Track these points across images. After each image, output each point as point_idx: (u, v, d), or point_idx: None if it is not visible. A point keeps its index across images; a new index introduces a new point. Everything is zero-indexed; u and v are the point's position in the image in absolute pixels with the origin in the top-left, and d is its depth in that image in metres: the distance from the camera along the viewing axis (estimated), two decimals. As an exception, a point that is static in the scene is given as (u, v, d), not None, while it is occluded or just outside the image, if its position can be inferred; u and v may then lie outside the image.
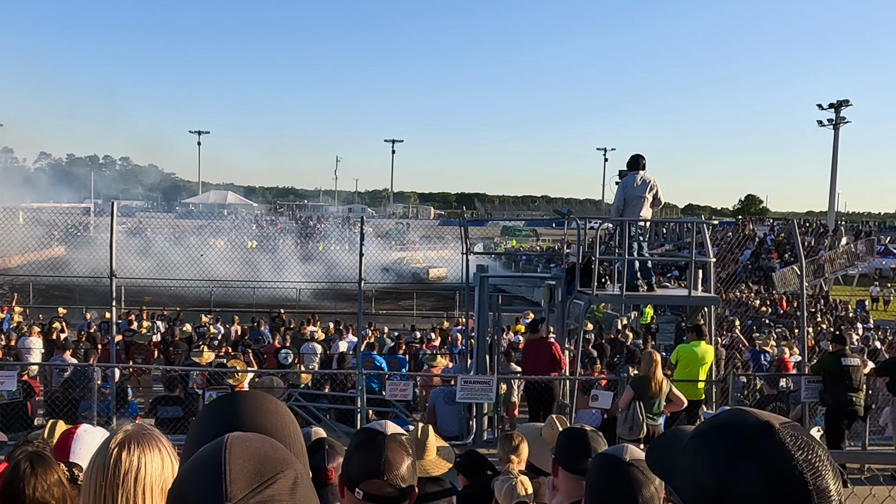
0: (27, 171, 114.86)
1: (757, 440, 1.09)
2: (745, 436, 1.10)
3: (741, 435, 1.11)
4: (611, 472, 2.01)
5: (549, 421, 4.36)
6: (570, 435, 2.77)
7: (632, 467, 1.99)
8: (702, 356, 9.67)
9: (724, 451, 1.11)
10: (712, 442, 1.14)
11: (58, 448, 2.64)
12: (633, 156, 10.15)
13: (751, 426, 1.12)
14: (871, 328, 23.72)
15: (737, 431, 1.12)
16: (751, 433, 1.10)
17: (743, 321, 22.14)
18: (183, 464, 1.22)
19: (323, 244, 42.79)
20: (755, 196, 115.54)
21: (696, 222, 10.72)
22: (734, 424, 1.14)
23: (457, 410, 10.12)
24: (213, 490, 1.03)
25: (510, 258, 39.11)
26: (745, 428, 1.12)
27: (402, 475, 2.01)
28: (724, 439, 1.12)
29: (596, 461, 2.12)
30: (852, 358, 9.58)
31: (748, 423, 1.13)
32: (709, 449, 1.13)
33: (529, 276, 21.90)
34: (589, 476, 2.08)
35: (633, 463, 2.00)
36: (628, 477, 1.97)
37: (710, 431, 1.17)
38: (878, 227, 51.95)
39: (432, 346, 16.20)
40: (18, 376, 9.84)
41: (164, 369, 11.82)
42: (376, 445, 2.05)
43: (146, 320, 18.29)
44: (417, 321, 24.39)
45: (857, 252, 36.79)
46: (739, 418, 1.15)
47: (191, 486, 1.08)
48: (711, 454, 1.12)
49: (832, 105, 52.40)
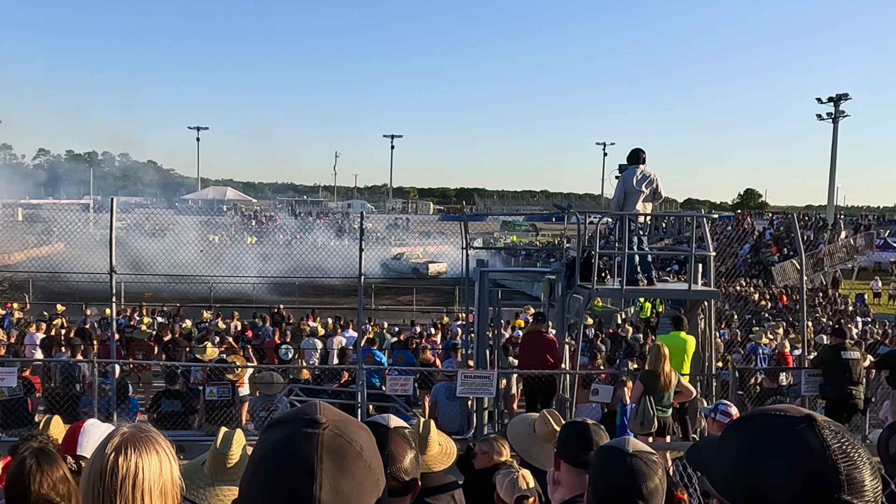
0: (26, 167, 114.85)
1: (793, 430, 1.09)
2: (781, 425, 1.11)
3: (776, 423, 1.12)
4: (614, 464, 2.00)
5: (542, 417, 4.26)
6: (572, 428, 2.77)
7: (635, 458, 1.99)
8: (683, 346, 9.66)
9: (755, 440, 1.11)
10: (745, 431, 1.15)
11: (65, 442, 2.65)
12: (633, 150, 10.13)
13: (791, 417, 1.12)
14: (869, 321, 23.73)
15: (773, 421, 1.13)
16: (789, 423, 1.11)
17: (742, 315, 22.18)
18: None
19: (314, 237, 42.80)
20: (754, 190, 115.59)
21: (696, 216, 10.71)
22: (771, 415, 1.15)
23: (458, 405, 10.13)
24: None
25: (510, 253, 39.13)
26: (782, 418, 1.13)
27: (406, 468, 2.01)
28: (757, 429, 1.13)
29: (599, 454, 2.12)
30: (852, 351, 9.60)
31: (788, 414, 1.14)
32: (740, 438, 1.14)
33: (529, 271, 21.87)
34: (592, 469, 2.08)
35: (636, 454, 2.00)
36: (631, 469, 1.97)
37: (745, 422, 1.19)
38: (878, 221, 52.00)
39: (432, 341, 16.20)
40: (19, 372, 9.83)
41: (164, 365, 11.83)
42: (379, 438, 2.06)
43: (146, 316, 18.31)
44: (417, 316, 24.40)
45: (857, 246, 36.81)
46: (780, 410, 1.16)
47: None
48: (742, 443, 1.13)
49: (831, 99, 52.34)
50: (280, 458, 1.11)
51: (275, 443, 1.14)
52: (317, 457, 1.09)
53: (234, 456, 2.70)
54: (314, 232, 48.50)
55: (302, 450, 1.10)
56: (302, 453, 1.10)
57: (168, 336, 14.91)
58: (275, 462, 1.12)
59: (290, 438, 1.12)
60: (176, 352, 13.83)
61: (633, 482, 1.95)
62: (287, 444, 1.12)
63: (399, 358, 12.68)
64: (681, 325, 9.84)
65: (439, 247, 50.18)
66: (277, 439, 1.14)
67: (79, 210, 24.23)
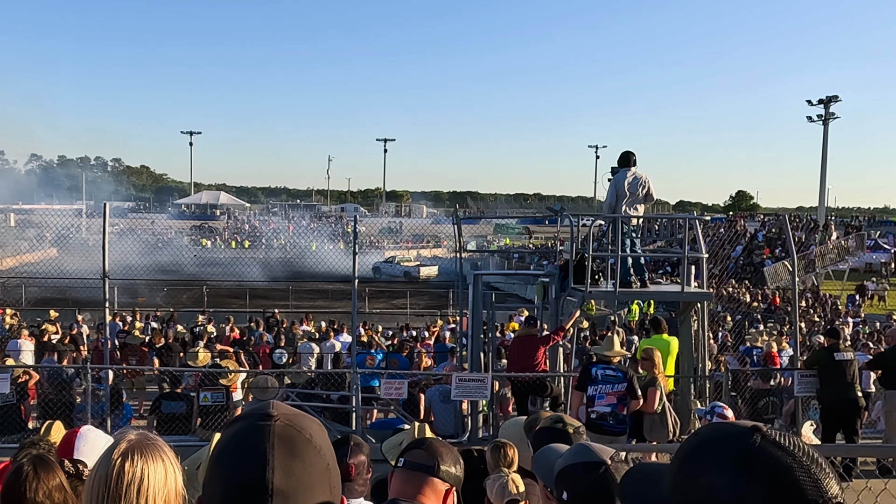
0: (18, 172, 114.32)
1: (751, 447, 1.04)
2: (738, 445, 1.05)
3: (734, 445, 1.05)
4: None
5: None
6: (547, 434, 2.74)
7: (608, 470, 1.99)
8: (667, 348, 9.68)
9: (725, 466, 1.04)
10: (708, 459, 1.07)
11: (62, 446, 2.66)
12: (624, 152, 10.16)
13: (739, 434, 1.06)
14: (860, 321, 23.84)
15: (727, 443, 1.06)
16: (741, 442, 1.05)
17: (734, 317, 22.25)
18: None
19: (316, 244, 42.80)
20: (746, 192, 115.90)
21: (689, 218, 10.75)
22: (720, 438, 1.08)
23: (452, 409, 10.13)
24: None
25: (503, 256, 39.15)
26: (733, 437, 1.06)
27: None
28: (721, 453, 1.06)
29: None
30: (845, 352, 9.47)
31: (736, 431, 1.07)
32: (707, 468, 1.06)
33: (523, 274, 21.83)
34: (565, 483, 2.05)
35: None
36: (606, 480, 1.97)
37: (699, 451, 1.10)
38: (868, 222, 52.19)
39: (426, 345, 16.19)
40: (16, 380, 9.80)
41: (159, 370, 11.80)
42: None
43: (139, 321, 18.23)
44: (411, 319, 24.39)
45: (848, 247, 36.98)
46: (722, 430, 1.09)
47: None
48: (713, 472, 1.05)
49: (821, 101, 52.60)
50: (236, 448, 1.22)
51: (231, 435, 1.25)
52: (269, 444, 1.19)
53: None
54: (308, 236, 48.48)
55: (255, 439, 1.20)
56: (255, 442, 1.20)
57: (161, 342, 14.85)
58: (231, 452, 1.22)
59: (245, 430, 1.23)
60: (169, 357, 13.78)
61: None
62: (242, 435, 1.23)
63: (392, 363, 12.69)
64: (659, 327, 9.86)
65: (432, 250, 50.22)
66: (234, 432, 1.25)
67: (72, 215, 24.16)
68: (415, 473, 2.36)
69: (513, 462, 3.96)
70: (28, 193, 75.90)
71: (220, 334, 16.65)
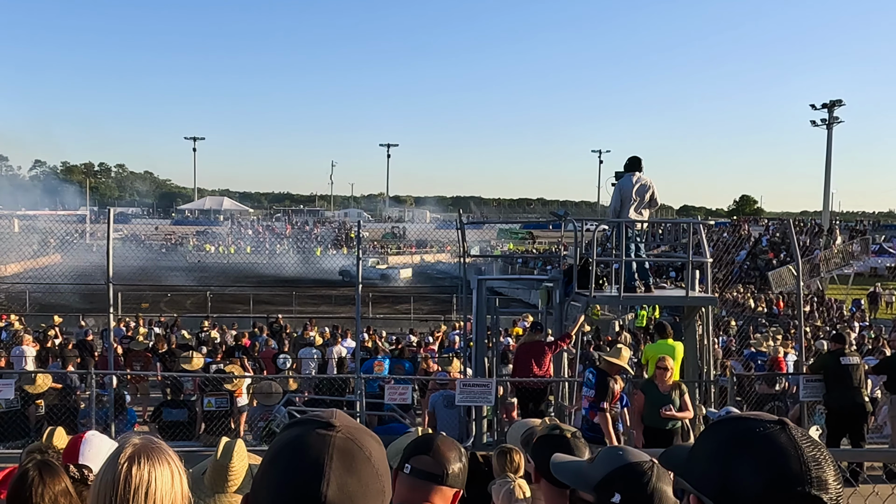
0: (22, 178, 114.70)
1: (766, 430, 1.19)
2: (755, 426, 1.20)
3: (750, 425, 1.21)
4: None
5: (544, 425, 4.24)
6: (548, 441, 2.71)
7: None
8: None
9: (731, 438, 1.21)
10: (721, 431, 1.25)
11: (67, 452, 2.65)
12: (631, 158, 10.16)
13: (764, 420, 1.21)
14: (866, 326, 23.75)
15: (747, 423, 1.22)
16: (763, 425, 1.20)
17: (738, 321, 22.18)
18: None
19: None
20: (750, 196, 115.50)
21: (693, 223, 10.73)
22: (745, 419, 1.24)
23: (456, 414, 10.10)
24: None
25: (507, 260, 39.10)
26: (755, 421, 1.22)
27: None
28: (733, 429, 1.23)
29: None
30: (851, 357, 9.38)
31: (762, 418, 1.23)
32: (716, 437, 1.24)
33: (527, 279, 21.85)
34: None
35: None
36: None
37: (721, 424, 1.28)
38: (873, 226, 52.12)
39: (430, 350, 16.16)
40: (21, 387, 9.82)
41: (163, 376, 11.79)
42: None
43: (143, 327, 18.23)
44: (415, 325, 24.37)
45: (853, 251, 36.88)
46: (754, 415, 1.25)
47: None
48: (718, 442, 1.23)
49: (825, 105, 52.45)
50: (292, 455, 1.18)
51: (289, 440, 1.20)
52: (327, 456, 1.15)
53: (235, 467, 2.68)
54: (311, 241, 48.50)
55: (314, 448, 1.16)
56: (313, 451, 1.16)
57: (164, 347, 14.83)
58: (287, 458, 1.18)
59: (304, 437, 1.19)
60: (173, 363, 13.77)
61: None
62: (300, 442, 1.18)
63: (398, 369, 12.66)
64: (664, 331, 9.84)
65: (436, 255, 50.18)
66: (292, 437, 1.21)
67: (75, 221, 24.21)
68: (422, 482, 2.28)
69: (519, 467, 3.93)
70: (32, 199, 76.08)
71: (223, 340, 16.66)
